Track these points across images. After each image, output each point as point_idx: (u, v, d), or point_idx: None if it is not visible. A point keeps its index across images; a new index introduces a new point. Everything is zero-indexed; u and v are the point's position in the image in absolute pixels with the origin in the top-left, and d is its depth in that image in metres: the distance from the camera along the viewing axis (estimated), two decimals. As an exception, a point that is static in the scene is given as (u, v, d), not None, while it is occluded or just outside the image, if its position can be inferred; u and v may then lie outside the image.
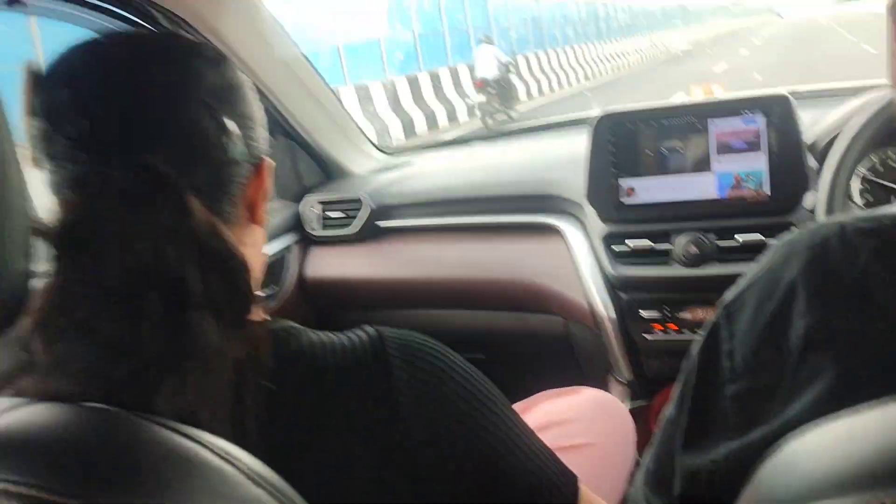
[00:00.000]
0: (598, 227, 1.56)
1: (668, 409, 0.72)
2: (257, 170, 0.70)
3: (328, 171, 2.03)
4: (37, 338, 0.55)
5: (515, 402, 1.30)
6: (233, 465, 0.44)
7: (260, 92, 1.30)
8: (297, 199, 1.96)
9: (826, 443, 0.43)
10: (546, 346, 1.76)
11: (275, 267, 1.86)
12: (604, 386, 1.62)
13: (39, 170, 0.62)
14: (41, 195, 0.61)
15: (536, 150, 2.11)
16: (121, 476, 0.40)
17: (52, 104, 0.61)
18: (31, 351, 0.56)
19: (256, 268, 0.74)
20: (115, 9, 1.36)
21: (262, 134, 0.71)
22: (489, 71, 12.97)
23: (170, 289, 0.55)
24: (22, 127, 0.57)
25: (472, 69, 14.39)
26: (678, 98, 1.63)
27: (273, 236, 1.87)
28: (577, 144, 1.59)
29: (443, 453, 0.63)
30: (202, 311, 0.56)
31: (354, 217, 1.87)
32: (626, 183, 1.52)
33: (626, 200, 1.52)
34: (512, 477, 0.68)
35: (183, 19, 1.41)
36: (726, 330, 0.64)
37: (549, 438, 0.77)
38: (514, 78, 13.76)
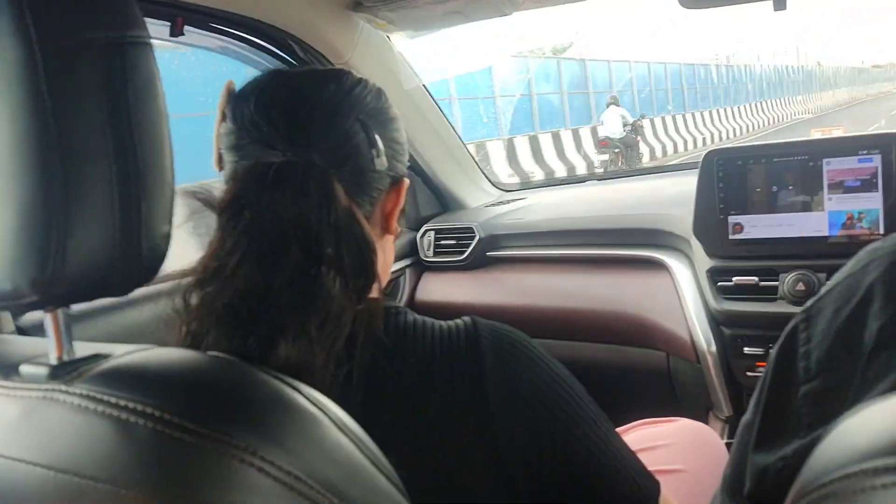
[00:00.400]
0: (705, 261, 1.57)
1: (746, 415, 0.73)
2: (396, 186, 0.82)
3: (445, 202, 2.14)
4: (191, 286, 0.67)
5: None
6: (324, 412, 0.50)
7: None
8: (416, 227, 2.07)
9: (880, 414, 0.43)
10: (647, 380, 1.76)
11: (389, 289, 1.97)
12: (703, 423, 1.59)
13: (219, 168, 0.78)
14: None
15: (647, 189, 2.13)
16: (231, 413, 0.47)
17: (242, 111, 0.76)
18: (184, 299, 0.67)
19: (384, 272, 0.86)
20: (260, 41, 1.53)
21: (404, 158, 0.84)
22: (615, 130, 12.98)
23: (308, 247, 0.66)
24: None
25: (593, 130, 14.42)
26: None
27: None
28: (689, 184, 1.61)
29: (526, 439, 0.68)
30: (332, 271, 0.67)
31: (466, 245, 1.95)
32: (734, 219, 1.53)
33: (734, 236, 1.53)
34: (594, 469, 0.72)
35: (319, 52, 1.56)
36: (804, 333, 0.65)
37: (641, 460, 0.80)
38: (639, 139, 13.67)
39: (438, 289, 2.00)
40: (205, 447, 0.43)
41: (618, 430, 1.31)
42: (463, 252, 1.96)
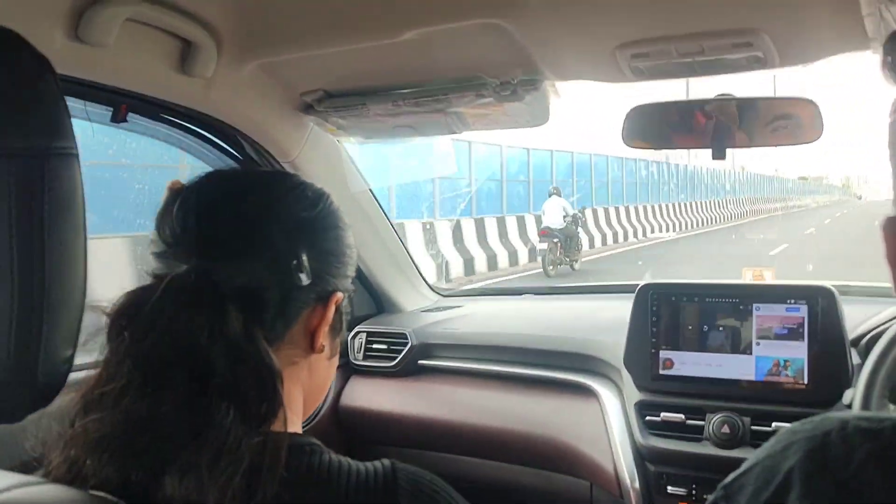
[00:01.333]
0: (634, 393, 1.56)
1: None
2: (324, 301, 0.77)
3: (380, 304, 2.10)
4: (79, 410, 0.62)
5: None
6: None
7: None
8: (349, 328, 2.03)
9: None
10: (570, 510, 1.72)
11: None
12: (623, 560, 1.55)
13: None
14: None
15: (584, 310, 2.15)
16: None
17: (163, 215, 0.73)
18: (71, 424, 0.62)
19: (312, 397, 0.81)
20: (207, 134, 1.51)
21: (341, 270, 0.79)
22: (555, 221, 13.24)
23: (197, 372, 0.62)
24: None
25: (537, 219, 14.71)
26: (725, 280, 1.66)
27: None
28: (624, 310, 1.62)
29: None
30: (226, 400, 0.62)
31: (398, 352, 1.91)
32: (665, 355, 1.53)
33: (664, 372, 1.53)
34: None
35: (266, 150, 1.55)
36: None
37: None
38: (578, 230, 13.97)
39: (365, 394, 1.94)
40: None
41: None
42: (394, 358, 1.92)
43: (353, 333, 1.99)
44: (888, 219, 0.60)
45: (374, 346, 1.96)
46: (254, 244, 0.72)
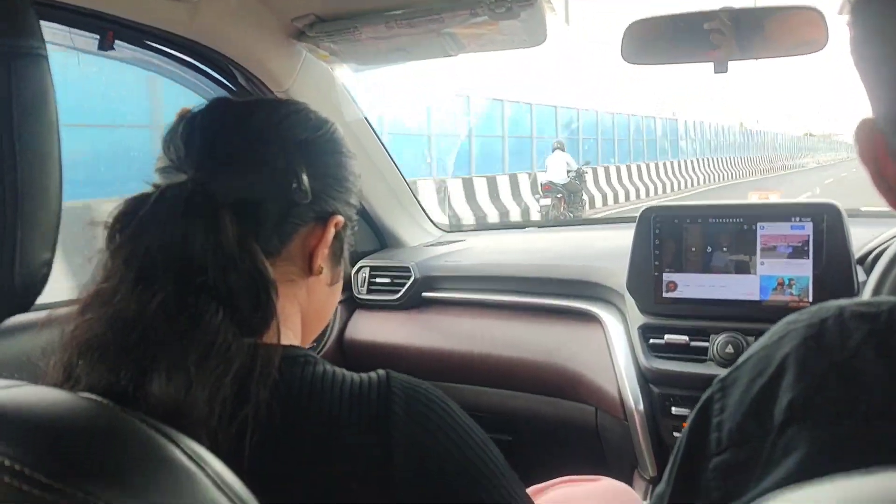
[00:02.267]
0: (637, 317, 1.56)
1: (660, 485, 0.71)
2: (323, 223, 0.77)
3: (383, 239, 2.09)
4: (75, 314, 0.63)
5: (535, 484, 1.28)
6: (201, 467, 0.45)
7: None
8: (352, 263, 2.02)
9: None
10: (575, 434, 1.73)
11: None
12: (629, 481, 1.57)
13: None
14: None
15: (584, 239, 2.13)
16: (96, 465, 0.42)
17: (170, 135, 0.75)
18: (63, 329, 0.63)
19: (314, 318, 0.81)
20: (199, 64, 1.48)
21: (341, 196, 0.80)
22: (558, 176, 13.10)
23: (187, 276, 0.62)
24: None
25: (532, 177, 14.58)
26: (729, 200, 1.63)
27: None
28: (625, 238, 1.60)
29: (430, 500, 0.64)
30: (216, 302, 0.62)
31: (401, 285, 1.91)
32: (668, 277, 1.52)
33: (668, 294, 1.52)
34: None
35: (259, 80, 1.52)
36: (718, 403, 0.63)
37: None
38: (582, 186, 13.82)
39: (369, 328, 1.95)
40: None
41: (539, 486, 1.29)
42: (397, 291, 1.92)
43: (356, 268, 1.99)
44: (861, 121, 0.57)
45: (378, 280, 1.96)
46: (254, 159, 0.73)
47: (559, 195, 12.90)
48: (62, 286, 0.66)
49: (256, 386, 0.62)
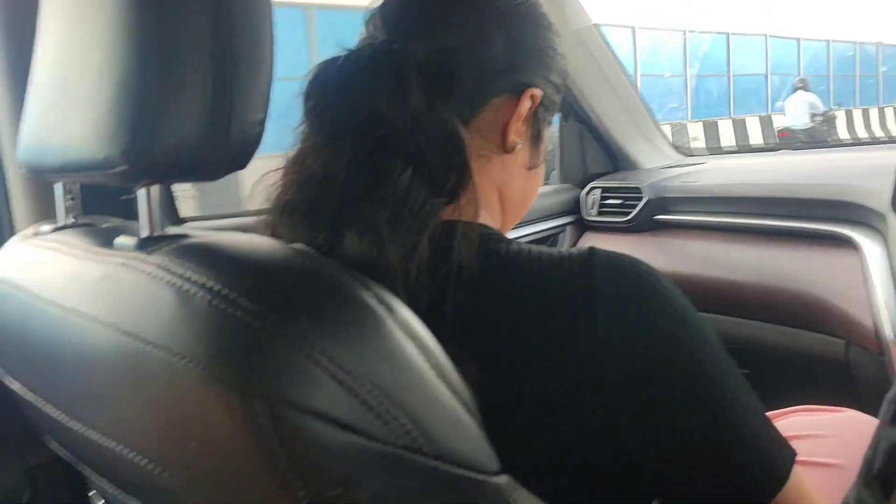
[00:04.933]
0: (902, 241, 1.37)
1: (892, 389, 0.64)
2: (518, 94, 0.74)
3: (616, 161, 2.04)
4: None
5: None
6: (390, 312, 0.47)
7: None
8: (582, 185, 2.00)
9: None
10: (821, 369, 1.58)
11: (546, 244, 1.92)
12: (881, 421, 1.42)
13: None
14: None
15: (845, 160, 1.91)
16: (286, 297, 0.45)
17: (370, 12, 0.75)
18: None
19: (511, 203, 0.78)
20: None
21: (539, 70, 0.76)
22: (800, 120, 11.51)
23: (374, 134, 0.62)
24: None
25: (763, 120, 12.97)
26: None
27: (552, 216, 1.93)
28: (892, 158, 1.41)
29: (638, 390, 0.59)
30: (404, 160, 0.61)
31: (632, 206, 1.86)
32: (944, 195, 1.32)
33: (942, 214, 1.32)
34: (717, 431, 0.60)
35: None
36: None
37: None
38: (832, 133, 11.83)
39: None
40: (253, 326, 0.43)
41: (771, 413, 1.19)
42: (628, 213, 1.86)
43: (587, 189, 1.96)
44: None
45: (608, 201, 1.92)
46: (446, 21, 0.72)
47: (799, 145, 11.29)
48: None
49: (458, 247, 0.61)
